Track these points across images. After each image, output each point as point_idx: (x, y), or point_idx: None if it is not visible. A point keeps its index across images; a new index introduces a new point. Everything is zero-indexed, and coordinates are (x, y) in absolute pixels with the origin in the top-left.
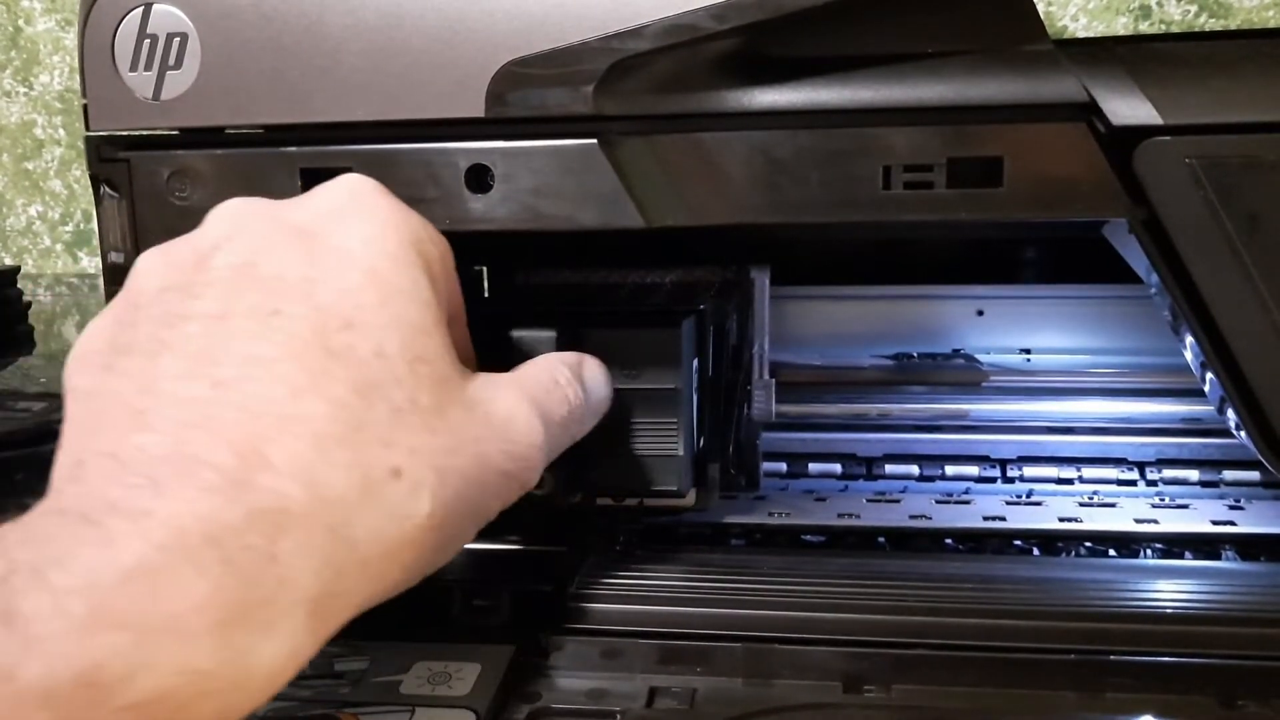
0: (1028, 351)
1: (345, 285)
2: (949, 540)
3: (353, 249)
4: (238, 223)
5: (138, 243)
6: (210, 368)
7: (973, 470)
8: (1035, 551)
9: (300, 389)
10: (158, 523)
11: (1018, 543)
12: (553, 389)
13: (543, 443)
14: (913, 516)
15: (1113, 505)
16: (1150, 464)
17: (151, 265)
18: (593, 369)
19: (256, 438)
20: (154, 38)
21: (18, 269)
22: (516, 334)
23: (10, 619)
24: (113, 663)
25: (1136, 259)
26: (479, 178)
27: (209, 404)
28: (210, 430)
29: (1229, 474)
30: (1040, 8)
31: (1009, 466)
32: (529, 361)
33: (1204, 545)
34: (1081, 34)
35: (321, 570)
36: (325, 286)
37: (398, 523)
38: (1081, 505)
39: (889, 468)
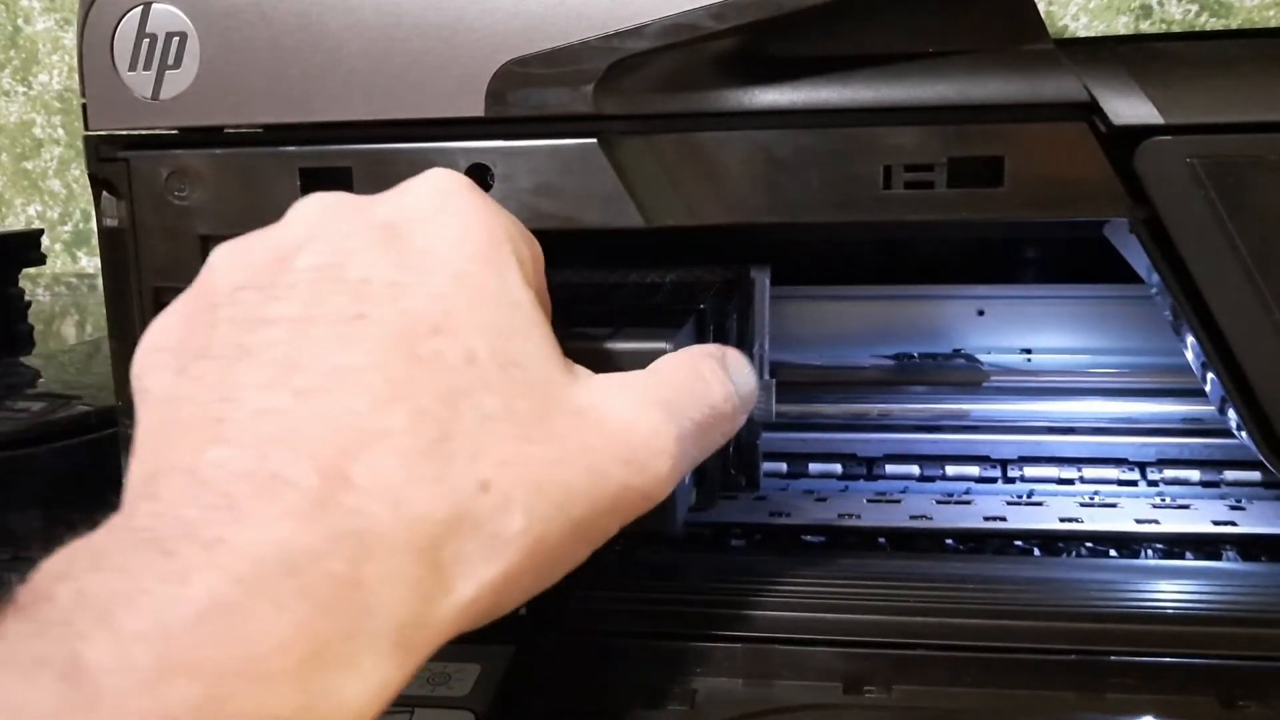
0: (1028, 351)
1: (433, 289)
2: (950, 540)
3: (441, 250)
4: (322, 221)
5: (137, 243)
6: (291, 376)
7: (973, 470)
8: (1036, 552)
9: (384, 400)
10: (234, 551)
11: (1018, 543)
12: (692, 387)
13: (673, 449)
14: (913, 517)
15: (1114, 505)
16: (1151, 464)
17: (227, 261)
18: (737, 360)
19: (339, 453)
20: (153, 37)
21: (41, 231)
22: (613, 346)
23: (75, 674)
24: (183, 717)
25: (1137, 259)
26: (479, 177)
27: (290, 416)
28: (292, 445)
29: (1230, 474)
30: (1041, 7)
31: (1010, 467)
32: (663, 358)
33: (1205, 546)
34: (1082, 33)
35: (408, 597)
36: (412, 290)
37: (486, 542)
38: (1082, 505)
39: (889, 468)
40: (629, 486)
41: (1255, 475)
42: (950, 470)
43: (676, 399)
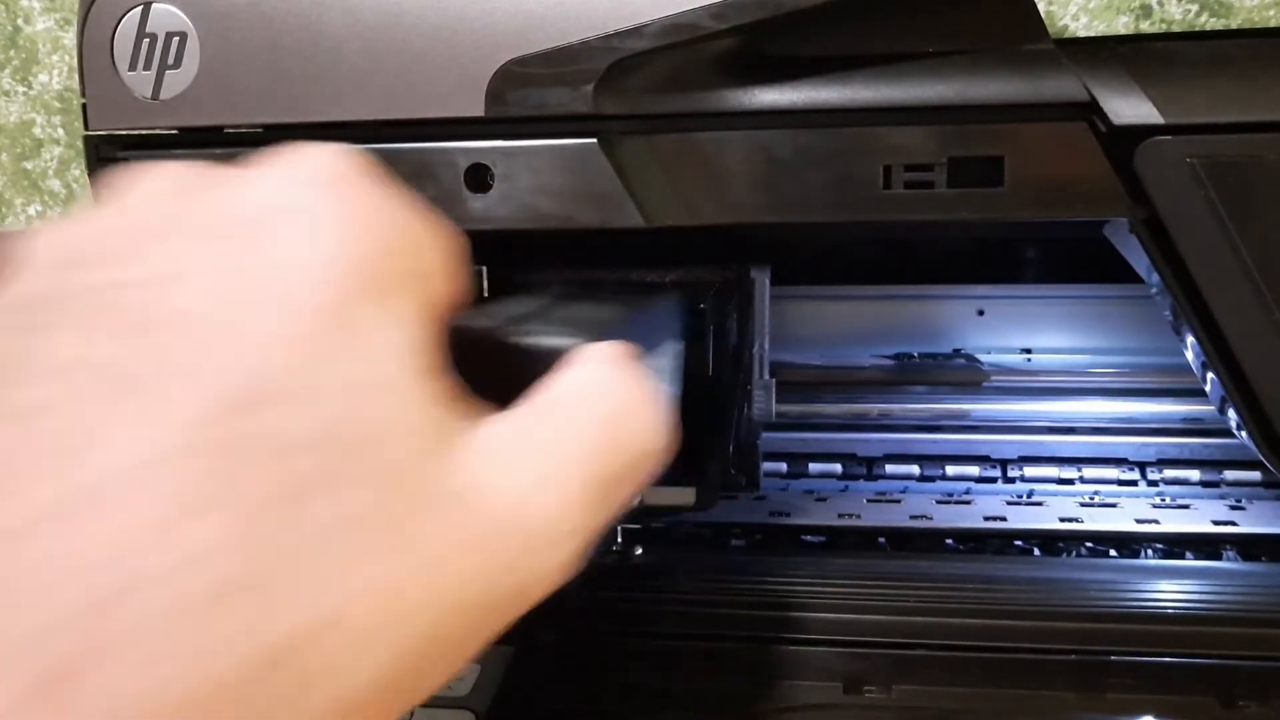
0: (1028, 351)
1: (279, 332)
2: (950, 540)
3: (302, 269)
4: (149, 216)
5: None
6: (64, 466)
7: (973, 470)
8: (1036, 552)
9: (186, 511)
10: None
11: (1018, 543)
12: (618, 422)
13: (578, 527)
14: (913, 517)
15: (1114, 505)
16: (1151, 464)
17: (44, 254)
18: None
19: (101, 606)
20: (153, 37)
21: None
22: (515, 342)
23: None
24: None
25: (1137, 258)
26: (478, 177)
27: (46, 535)
28: (34, 590)
29: (1230, 474)
30: (1041, 7)
31: (1010, 467)
32: (586, 376)
33: (1205, 545)
34: (1082, 33)
35: None
36: (249, 334)
37: (328, 697)
38: (1082, 505)
39: (889, 468)
40: (518, 592)
41: (1255, 475)
42: (950, 470)
43: (591, 449)
